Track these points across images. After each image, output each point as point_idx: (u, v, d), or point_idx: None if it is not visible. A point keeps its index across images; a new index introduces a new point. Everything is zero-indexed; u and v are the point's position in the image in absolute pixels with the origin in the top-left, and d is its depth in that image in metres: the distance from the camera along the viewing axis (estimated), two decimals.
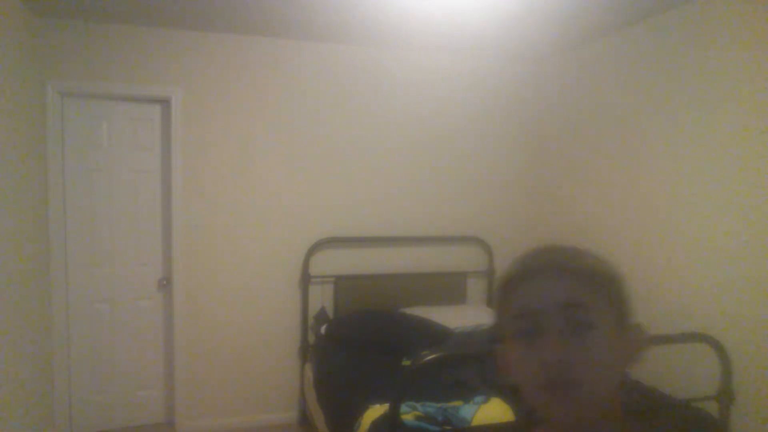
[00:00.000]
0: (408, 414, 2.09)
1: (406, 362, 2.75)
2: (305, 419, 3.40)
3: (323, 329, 3.23)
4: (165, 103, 3.24)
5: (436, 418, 2.07)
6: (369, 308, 3.39)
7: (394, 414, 1.73)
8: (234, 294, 3.36)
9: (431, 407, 2.15)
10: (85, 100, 3.13)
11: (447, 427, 2.02)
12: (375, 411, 2.21)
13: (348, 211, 3.53)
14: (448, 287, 3.64)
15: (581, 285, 0.65)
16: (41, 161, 2.98)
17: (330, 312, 3.48)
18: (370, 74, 3.51)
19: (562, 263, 0.67)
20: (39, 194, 2.94)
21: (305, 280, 3.41)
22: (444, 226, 3.73)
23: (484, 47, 3.44)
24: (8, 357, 2.44)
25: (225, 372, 3.38)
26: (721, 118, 2.38)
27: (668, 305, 2.67)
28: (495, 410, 2.12)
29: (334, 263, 3.51)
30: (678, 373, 2.58)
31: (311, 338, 3.44)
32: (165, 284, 3.34)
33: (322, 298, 3.47)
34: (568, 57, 3.44)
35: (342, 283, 3.47)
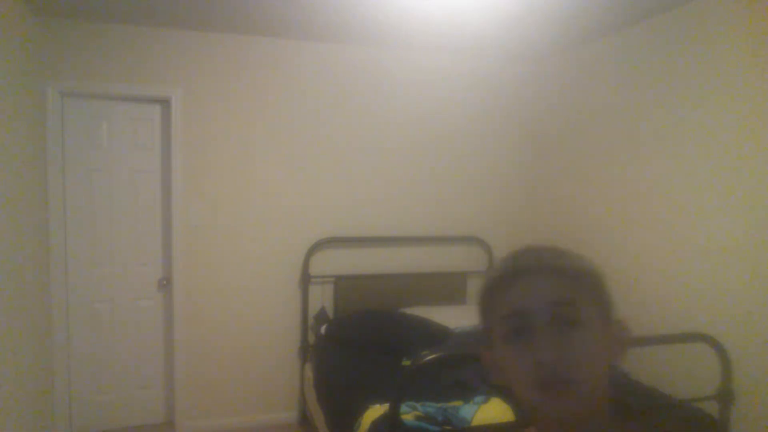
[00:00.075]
0: (408, 414, 2.09)
1: (406, 362, 2.75)
2: (305, 419, 3.40)
3: (323, 329, 3.23)
4: (165, 103, 3.24)
5: (436, 418, 2.07)
6: (369, 308, 3.38)
7: (394, 414, 1.73)
8: (234, 294, 3.36)
9: (431, 407, 2.15)
10: (85, 100, 3.13)
11: (447, 427, 2.02)
12: (375, 411, 2.21)
13: (348, 211, 3.53)
14: (448, 287, 3.64)
15: (568, 283, 0.66)
16: (41, 161, 2.98)
17: (330, 312, 3.48)
18: (370, 74, 3.51)
19: (548, 262, 0.68)
20: (39, 194, 2.94)
21: (305, 280, 3.41)
22: (444, 226, 3.73)
23: (484, 47, 3.44)
24: (8, 357, 2.44)
25: (225, 372, 3.38)
26: (722, 118, 2.39)
27: (668, 305, 2.67)
28: (495, 410, 2.12)
29: (334, 263, 3.51)
30: (678, 373, 2.58)
31: (311, 338, 3.44)
32: (165, 284, 3.34)
33: (322, 298, 3.47)
34: (568, 57, 3.44)
35: (342, 283, 3.47)
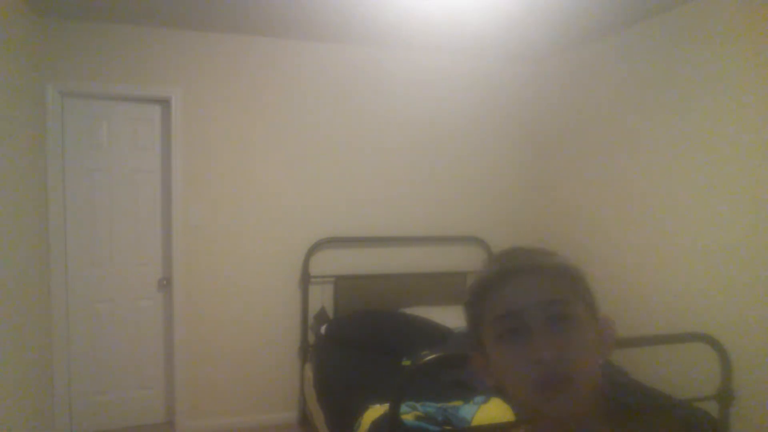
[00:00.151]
0: (408, 414, 2.09)
1: (406, 362, 2.75)
2: (305, 419, 3.40)
3: (323, 329, 3.23)
4: (165, 103, 3.24)
5: (436, 418, 2.07)
6: (369, 308, 3.39)
7: (394, 414, 1.73)
8: (234, 294, 3.36)
9: (431, 407, 2.15)
10: (85, 100, 3.13)
11: (447, 427, 2.02)
12: (375, 411, 2.21)
13: (348, 211, 3.53)
14: (448, 287, 3.64)
15: (559, 281, 0.67)
16: (41, 161, 2.98)
17: (330, 312, 3.48)
18: (370, 74, 3.51)
19: (538, 262, 0.68)
20: (39, 194, 2.94)
21: (305, 280, 3.41)
22: (444, 226, 3.73)
23: (484, 47, 3.44)
24: (8, 357, 2.44)
25: (225, 372, 3.38)
26: (722, 118, 2.38)
27: (668, 305, 2.67)
28: (495, 410, 2.12)
29: (334, 263, 3.51)
30: (678, 373, 2.58)
31: (311, 338, 3.44)
32: (165, 284, 3.34)
33: (322, 298, 3.47)
34: (568, 57, 3.44)
35: (342, 283, 3.47)
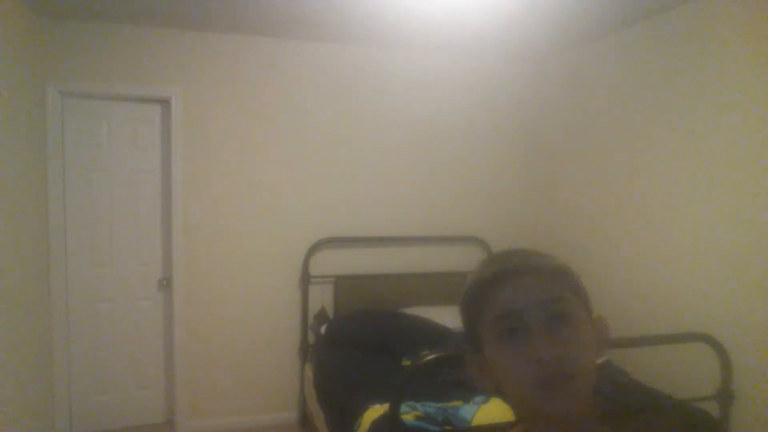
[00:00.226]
0: (408, 414, 2.10)
1: (406, 362, 2.75)
2: (305, 419, 3.40)
3: (323, 329, 3.23)
4: (165, 103, 3.24)
5: (436, 418, 2.07)
6: (369, 308, 3.39)
7: (394, 414, 1.73)
8: (234, 294, 3.36)
9: (431, 407, 2.15)
10: (85, 100, 3.13)
11: (447, 427, 2.02)
12: (375, 411, 2.21)
13: (348, 211, 3.53)
14: (448, 287, 3.64)
15: (557, 282, 0.67)
16: (41, 161, 2.98)
17: (330, 312, 3.48)
18: (370, 74, 3.51)
19: (534, 262, 0.69)
20: (39, 194, 2.94)
21: (305, 280, 3.41)
22: (444, 226, 3.73)
23: (484, 47, 3.44)
24: (8, 357, 2.44)
25: (225, 372, 3.38)
26: (722, 118, 2.39)
27: (668, 305, 2.67)
28: (495, 410, 2.12)
29: (334, 263, 3.51)
30: (678, 373, 2.58)
31: (311, 338, 3.44)
32: (165, 284, 3.34)
33: (322, 298, 3.47)
34: (568, 57, 3.44)
35: (342, 283, 3.47)
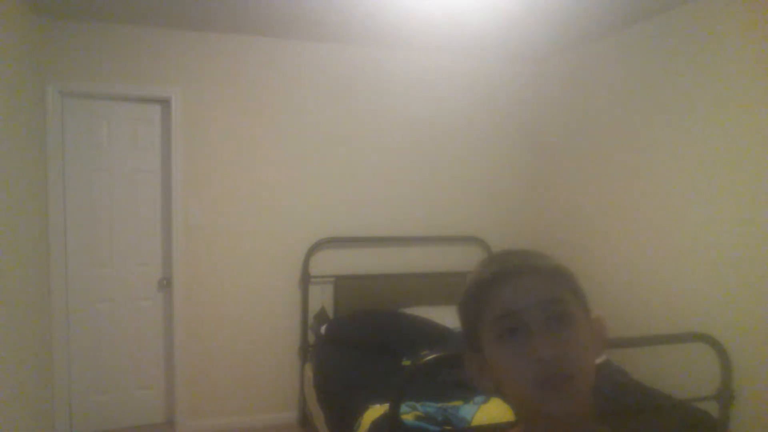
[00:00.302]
0: (408, 414, 2.10)
1: (406, 362, 2.75)
2: (305, 419, 3.40)
3: (323, 329, 3.23)
4: (165, 103, 3.24)
5: (436, 418, 2.07)
6: (369, 308, 3.38)
7: (394, 414, 1.73)
8: (234, 294, 3.36)
9: (431, 407, 2.15)
10: (85, 100, 3.13)
11: (447, 427, 2.02)
12: (375, 411, 2.21)
13: (348, 211, 3.53)
14: (448, 287, 3.64)
15: (556, 282, 0.67)
16: (41, 161, 2.98)
17: (330, 312, 3.48)
18: (370, 74, 3.51)
19: (534, 263, 0.69)
20: (39, 194, 2.94)
21: (305, 280, 3.41)
22: (444, 226, 3.73)
23: (484, 47, 3.44)
24: (8, 357, 2.44)
25: (225, 372, 3.38)
26: (722, 117, 2.38)
27: (668, 305, 2.67)
28: (495, 410, 2.12)
29: (334, 263, 3.51)
30: (678, 373, 2.58)
31: (311, 338, 3.44)
32: (165, 284, 3.34)
33: (322, 298, 3.47)
34: (568, 57, 3.44)
35: (342, 283, 3.47)
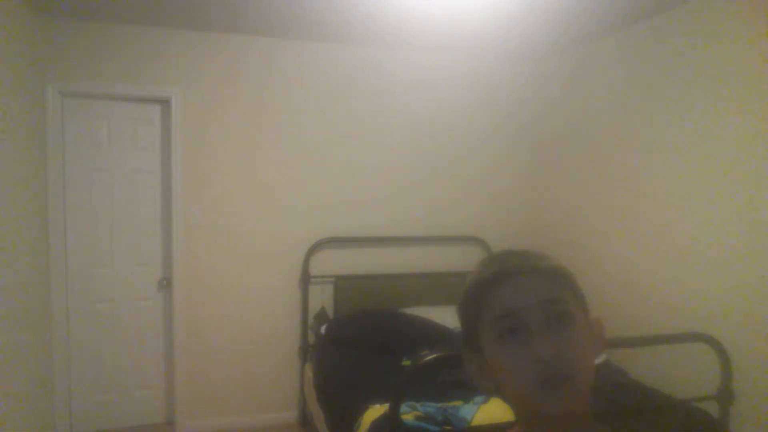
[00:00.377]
0: (408, 414, 2.10)
1: (406, 362, 2.75)
2: (305, 419, 3.40)
3: (323, 329, 3.23)
4: (165, 103, 3.24)
5: (436, 418, 2.07)
6: (369, 308, 3.38)
7: (394, 414, 1.73)
8: (234, 294, 3.36)
9: (431, 407, 2.15)
10: (85, 100, 3.13)
11: (447, 427, 2.02)
12: (375, 411, 2.21)
13: (348, 211, 3.53)
14: (448, 287, 3.64)
15: (555, 282, 0.68)
16: (41, 161, 2.98)
17: (330, 312, 3.48)
18: (370, 74, 3.51)
19: (534, 263, 0.69)
20: (39, 194, 2.94)
21: (305, 280, 3.41)
22: (444, 226, 3.73)
23: (484, 47, 3.44)
24: (8, 357, 2.44)
25: (225, 372, 3.38)
26: (722, 117, 2.38)
27: (668, 305, 2.67)
28: (495, 410, 2.12)
29: (334, 263, 3.51)
30: (678, 373, 2.58)
31: (311, 338, 3.44)
32: (165, 284, 3.34)
33: (322, 298, 3.47)
34: (568, 57, 3.44)
35: (342, 283, 3.47)
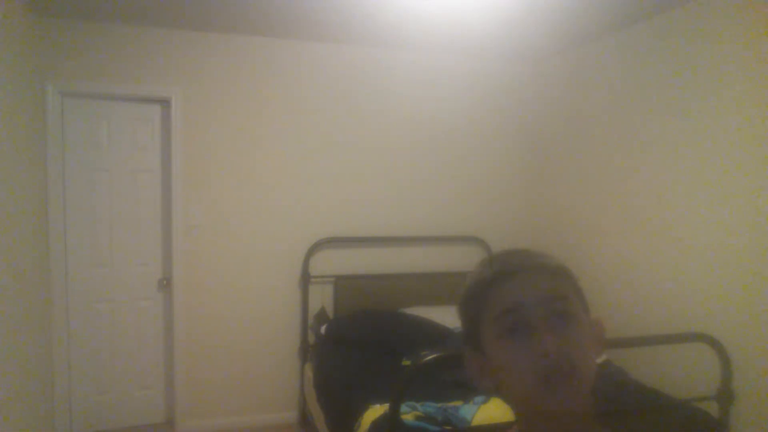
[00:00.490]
0: (408, 414, 2.10)
1: (406, 362, 2.75)
2: (305, 419, 3.40)
3: (323, 329, 3.23)
4: (165, 103, 3.24)
5: (436, 418, 2.07)
6: (369, 308, 3.38)
7: (394, 414, 1.73)
8: (234, 294, 3.36)
9: (431, 407, 2.15)
10: (85, 100, 3.13)
11: (447, 427, 2.02)
12: (375, 411, 2.21)
13: (348, 211, 3.53)
14: (448, 287, 3.64)
15: (557, 280, 0.68)
16: (41, 161, 2.97)
17: (330, 312, 3.48)
18: (370, 74, 3.51)
19: (536, 261, 0.70)
20: (39, 194, 2.94)
21: (305, 280, 3.41)
22: (444, 226, 3.73)
23: (484, 47, 3.43)
24: (8, 357, 2.44)
25: (225, 372, 3.38)
26: (722, 118, 2.38)
27: (668, 305, 2.67)
28: (495, 410, 2.12)
29: (334, 263, 3.51)
30: (678, 373, 2.58)
31: (311, 338, 3.44)
32: (165, 284, 3.34)
33: (322, 298, 3.47)
34: (568, 57, 3.44)
35: (342, 283, 3.47)
